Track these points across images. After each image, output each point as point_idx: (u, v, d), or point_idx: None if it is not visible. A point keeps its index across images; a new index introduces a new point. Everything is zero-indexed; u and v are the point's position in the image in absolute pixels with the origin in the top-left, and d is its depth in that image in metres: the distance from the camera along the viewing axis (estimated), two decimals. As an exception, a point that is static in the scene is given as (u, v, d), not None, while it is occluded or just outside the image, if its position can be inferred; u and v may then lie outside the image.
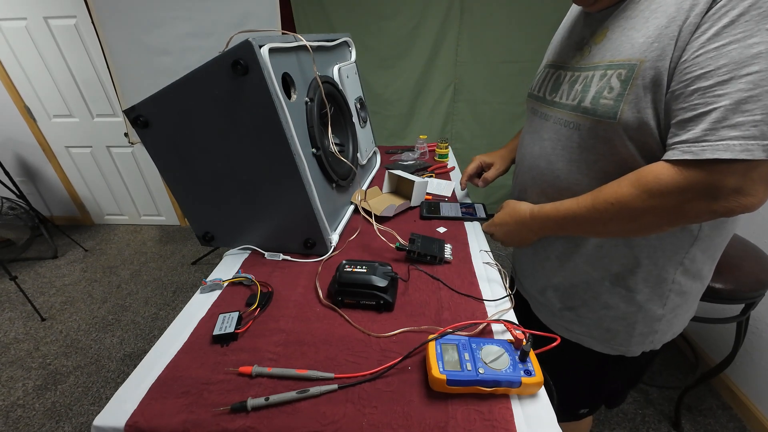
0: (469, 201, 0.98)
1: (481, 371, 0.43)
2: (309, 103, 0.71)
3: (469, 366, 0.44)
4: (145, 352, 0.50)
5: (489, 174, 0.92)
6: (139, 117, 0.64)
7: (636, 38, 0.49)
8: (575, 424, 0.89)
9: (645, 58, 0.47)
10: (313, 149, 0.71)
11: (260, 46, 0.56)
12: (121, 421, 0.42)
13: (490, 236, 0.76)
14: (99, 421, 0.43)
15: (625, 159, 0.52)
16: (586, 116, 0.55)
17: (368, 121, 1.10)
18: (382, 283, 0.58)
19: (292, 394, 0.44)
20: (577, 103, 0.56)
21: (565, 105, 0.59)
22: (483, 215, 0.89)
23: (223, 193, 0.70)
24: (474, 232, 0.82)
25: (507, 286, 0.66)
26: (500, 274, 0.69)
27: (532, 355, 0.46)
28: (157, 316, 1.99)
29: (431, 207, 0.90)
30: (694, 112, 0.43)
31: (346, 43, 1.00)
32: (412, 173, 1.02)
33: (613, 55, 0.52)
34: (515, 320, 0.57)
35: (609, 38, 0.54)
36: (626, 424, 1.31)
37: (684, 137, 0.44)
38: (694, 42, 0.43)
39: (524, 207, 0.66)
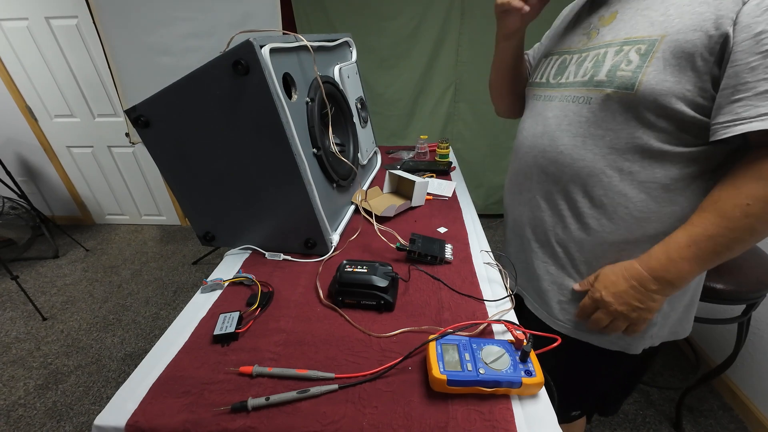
0: None
1: (481, 371, 0.43)
2: (310, 103, 0.71)
3: (469, 366, 0.44)
4: (146, 351, 0.50)
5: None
6: (140, 117, 0.64)
7: (654, 17, 0.51)
8: (565, 428, 0.88)
9: (666, 33, 0.49)
10: (314, 149, 0.71)
11: (261, 46, 0.56)
12: (121, 421, 0.42)
13: (593, 308, 0.61)
14: (100, 420, 0.43)
15: (633, 133, 0.53)
16: (599, 89, 0.55)
17: (369, 121, 1.10)
18: (382, 283, 0.58)
19: (292, 394, 0.44)
20: (589, 78, 0.57)
21: (574, 82, 0.60)
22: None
23: (223, 193, 0.70)
24: (475, 232, 0.82)
25: (507, 286, 0.65)
26: (501, 274, 0.69)
27: (532, 355, 0.46)
28: (158, 315, 2.00)
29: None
30: None
31: (346, 43, 1.00)
32: (412, 173, 1.02)
33: (629, 33, 0.53)
34: (516, 320, 0.56)
35: (620, 19, 0.56)
36: (627, 425, 1.30)
37: None
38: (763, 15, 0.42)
39: (626, 263, 0.58)
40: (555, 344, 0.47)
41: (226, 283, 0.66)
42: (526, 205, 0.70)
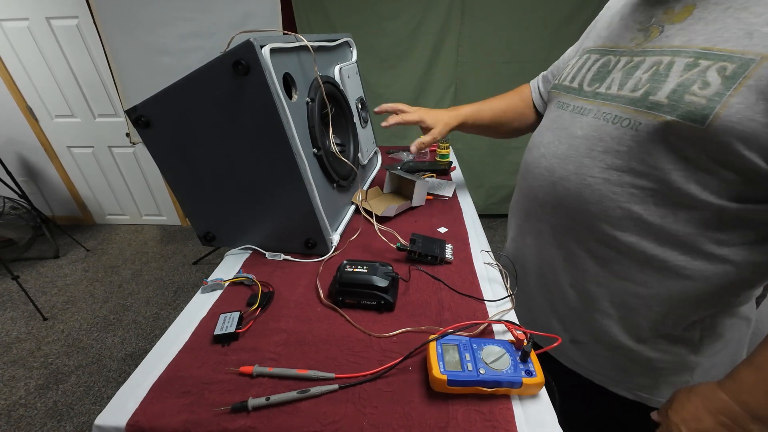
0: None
1: (482, 372, 0.43)
2: (310, 103, 0.71)
3: (470, 366, 0.44)
4: (147, 351, 0.50)
5: (425, 139, 0.76)
6: (141, 117, 0.64)
7: (756, 24, 0.36)
8: None
9: None
10: (314, 149, 0.71)
11: (261, 47, 0.56)
12: (122, 421, 0.42)
13: None
14: (100, 420, 0.43)
15: (689, 177, 0.41)
16: (653, 113, 0.42)
17: (369, 122, 1.10)
18: (382, 283, 0.58)
19: (292, 394, 0.44)
20: (643, 95, 0.43)
21: (619, 97, 0.47)
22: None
23: (224, 193, 0.70)
24: (475, 232, 0.82)
25: (508, 286, 0.65)
26: (501, 274, 0.69)
27: (533, 355, 0.46)
28: (159, 315, 2.00)
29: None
30: None
31: (347, 43, 1.00)
32: (413, 173, 1.02)
33: (711, 40, 0.39)
34: (516, 320, 0.56)
35: (699, 17, 0.42)
36: (627, 425, 1.30)
37: None
38: None
39: (705, 387, 0.44)
40: (555, 344, 0.47)
41: (227, 283, 0.66)
42: (533, 235, 0.62)
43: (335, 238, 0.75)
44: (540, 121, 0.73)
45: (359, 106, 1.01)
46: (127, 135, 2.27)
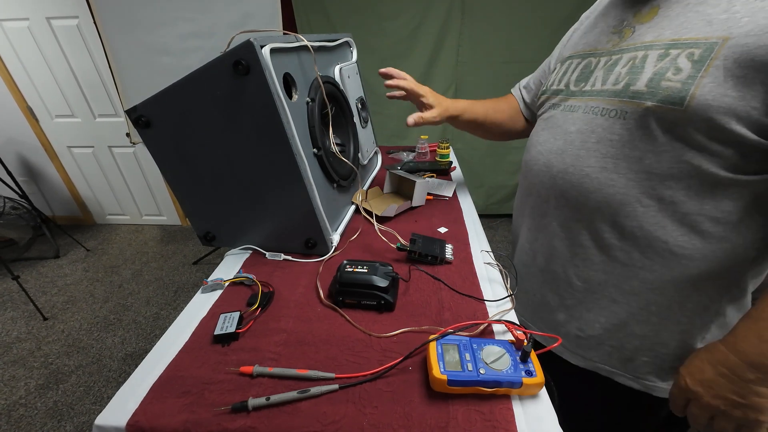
0: None
1: (482, 372, 0.43)
2: (310, 103, 0.71)
3: (470, 366, 0.44)
4: (147, 351, 0.50)
5: (426, 115, 0.79)
6: (141, 117, 0.64)
7: (713, 14, 0.42)
8: None
9: (729, 35, 0.39)
10: (315, 149, 0.71)
11: (262, 47, 0.56)
12: (122, 421, 0.42)
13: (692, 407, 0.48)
14: (100, 420, 0.43)
15: (679, 157, 0.44)
16: (636, 101, 0.46)
17: (369, 122, 1.10)
18: (383, 283, 0.58)
19: (292, 394, 0.44)
20: (624, 87, 0.48)
21: (603, 91, 0.51)
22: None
23: (224, 193, 0.70)
24: (475, 232, 0.82)
25: (508, 286, 0.65)
26: (501, 274, 0.69)
27: (533, 355, 0.46)
28: (159, 315, 2.00)
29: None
30: None
31: (347, 43, 1.00)
32: (413, 173, 1.02)
33: (678, 32, 0.45)
34: (516, 321, 0.56)
35: (664, 15, 0.47)
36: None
37: None
38: None
39: (709, 344, 0.48)
40: (555, 344, 0.47)
41: (227, 283, 0.66)
42: (539, 230, 0.63)
43: (335, 238, 0.75)
44: (529, 127, 0.81)
45: (359, 106, 1.01)
46: (128, 135, 2.28)
